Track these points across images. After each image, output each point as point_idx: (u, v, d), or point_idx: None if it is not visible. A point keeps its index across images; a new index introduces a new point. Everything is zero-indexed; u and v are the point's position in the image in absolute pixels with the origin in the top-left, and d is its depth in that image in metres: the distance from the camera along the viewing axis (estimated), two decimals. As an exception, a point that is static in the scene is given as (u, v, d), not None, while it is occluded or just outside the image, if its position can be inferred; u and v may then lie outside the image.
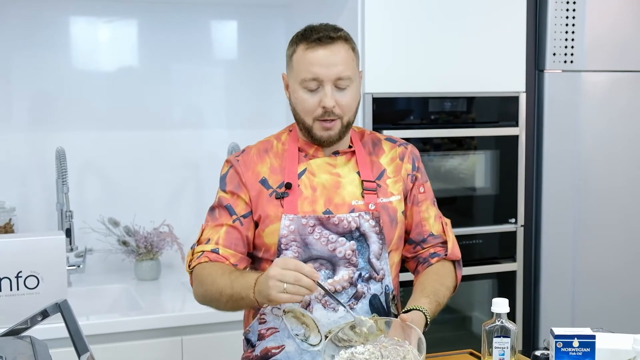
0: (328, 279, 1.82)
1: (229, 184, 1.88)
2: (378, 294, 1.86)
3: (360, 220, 1.84)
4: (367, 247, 1.85)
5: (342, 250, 1.83)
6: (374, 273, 1.86)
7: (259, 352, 1.87)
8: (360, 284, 1.84)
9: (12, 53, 2.88)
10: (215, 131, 3.13)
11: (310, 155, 1.89)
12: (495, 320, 1.58)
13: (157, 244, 2.90)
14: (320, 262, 1.82)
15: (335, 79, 1.78)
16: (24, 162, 2.91)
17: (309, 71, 1.78)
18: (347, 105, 1.82)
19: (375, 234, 1.85)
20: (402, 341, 1.67)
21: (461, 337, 2.92)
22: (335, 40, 1.79)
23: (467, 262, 2.85)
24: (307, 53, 1.79)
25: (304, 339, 1.83)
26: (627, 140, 3.06)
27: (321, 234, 1.82)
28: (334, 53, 1.78)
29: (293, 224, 1.81)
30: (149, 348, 2.44)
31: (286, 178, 1.85)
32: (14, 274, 2.27)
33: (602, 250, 3.05)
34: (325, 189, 1.85)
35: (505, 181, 2.92)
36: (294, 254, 1.81)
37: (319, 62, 1.78)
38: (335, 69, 1.78)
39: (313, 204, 1.84)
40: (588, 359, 1.46)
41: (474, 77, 2.80)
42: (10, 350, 1.35)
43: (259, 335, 1.88)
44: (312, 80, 1.78)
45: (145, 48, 3.04)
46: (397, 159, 1.95)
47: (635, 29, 3.01)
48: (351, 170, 1.89)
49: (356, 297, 1.83)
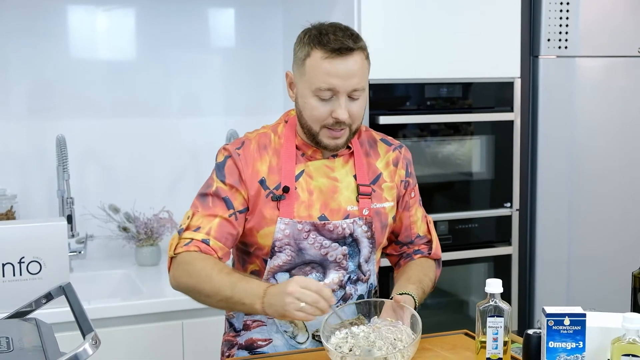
0: (319, 281, 1.82)
1: (228, 177, 1.83)
2: (364, 293, 1.89)
3: (354, 226, 1.84)
4: (358, 252, 1.87)
5: (334, 255, 1.84)
6: (362, 275, 1.88)
7: (244, 341, 1.89)
8: (349, 286, 1.86)
9: (11, 42, 2.89)
10: (214, 118, 3.15)
11: (308, 155, 1.86)
12: (489, 300, 1.60)
13: (157, 230, 2.93)
14: (312, 265, 1.83)
15: (351, 90, 1.75)
16: (25, 150, 2.93)
17: (326, 82, 1.73)
18: (358, 114, 1.79)
19: (367, 239, 1.87)
20: (395, 321, 1.71)
21: (458, 320, 2.95)
22: (354, 52, 1.74)
23: (463, 245, 2.90)
24: (324, 63, 1.73)
25: (292, 337, 1.86)
26: (621, 125, 3.08)
27: (315, 240, 1.82)
28: (352, 64, 1.73)
29: (288, 228, 1.80)
30: (149, 332, 2.47)
31: (283, 180, 1.82)
32: (17, 260, 2.30)
33: (596, 234, 3.09)
34: (322, 194, 1.84)
35: (500, 166, 2.95)
36: (287, 257, 1.81)
37: (337, 74, 1.72)
38: (353, 80, 1.74)
39: (309, 209, 1.82)
40: (579, 337, 1.50)
41: (469, 63, 2.82)
42: (16, 331, 1.37)
43: (244, 324, 1.89)
44: (327, 90, 1.74)
45: (143, 36, 3.06)
46: (391, 164, 1.94)
47: (630, 14, 3.03)
48: (348, 174, 1.88)
49: (344, 299, 1.85)
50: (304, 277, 1.68)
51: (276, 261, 1.82)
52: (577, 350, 1.50)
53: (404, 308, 1.71)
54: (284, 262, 1.82)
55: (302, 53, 1.77)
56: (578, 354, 1.50)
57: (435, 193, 2.89)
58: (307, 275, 1.83)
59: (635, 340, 1.44)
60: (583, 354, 1.50)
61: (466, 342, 1.84)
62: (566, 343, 1.50)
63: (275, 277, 1.84)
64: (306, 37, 1.78)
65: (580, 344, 1.50)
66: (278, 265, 1.83)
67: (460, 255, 2.89)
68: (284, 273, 1.83)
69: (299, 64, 1.79)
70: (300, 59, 1.78)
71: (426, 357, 1.72)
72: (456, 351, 1.77)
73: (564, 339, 1.50)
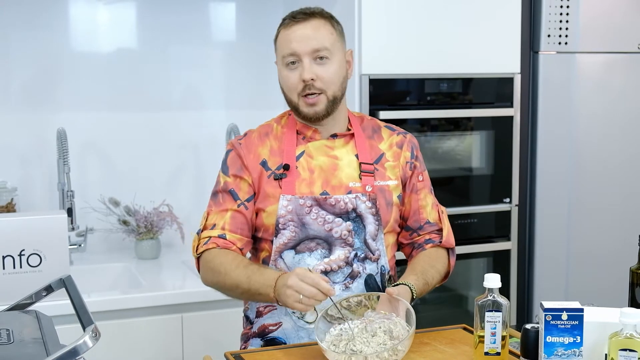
0: (324, 258, 1.85)
1: (231, 167, 1.90)
2: (374, 273, 1.90)
3: (357, 201, 1.86)
4: (363, 228, 1.88)
5: (339, 231, 1.86)
6: (370, 253, 1.89)
7: (257, 328, 1.91)
8: (356, 264, 1.87)
9: (12, 34, 2.89)
10: (214, 112, 3.16)
11: (308, 137, 1.92)
12: (488, 295, 1.61)
13: (157, 223, 2.94)
14: (317, 241, 1.85)
15: (312, 51, 1.83)
16: (25, 142, 2.94)
17: (287, 47, 1.84)
18: (329, 78, 1.85)
19: (372, 215, 1.88)
20: (389, 314, 1.71)
21: (457, 315, 2.96)
22: (310, 17, 1.85)
23: (463, 241, 2.91)
24: (284, 31, 1.86)
25: (301, 317, 1.87)
26: (621, 121, 3.09)
27: (318, 214, 1.85)
28: (309, 28, 1.84)
29: (291, 204, 1.84)
30: (149, 325, 2.48)
31: (284, 160, 1.88)
32: (17, 252, 2.30)
33: (595, 229, 3.09)
34: (323, 171, 1.88)
35: (500, 161, 2.95)
36: (291, 234, 1.84)
37: (295, 38, 1.83)
38: (311, 42, 1.82)
39: (310, 186, 1.86)
40: (576, 331, 1.50)
41: (469, 59, 2.83)
42: (16, 323, 1.38)
43: (257, 312, 1.92)
44: (290, 55, 1.84)
45: (144, 29, 3.06)
46: (395, 146, 1.96)
47: (630, 10, 3.03)
48: (349, 153, 1.91)
49: (352, 276, 1.86)
50: (305, 269, 1.69)
51: (281, 239, 1.85)
52: (574, 345, 1.51)
53: (399, 300, 1.71)
54: (288, 239, 1.85)
55: (275, 36, 1.91)
56: (575, 349, 1.51)
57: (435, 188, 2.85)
58: (312, 252, 1.85)
59: (633, 335, 1.44)
60: (580, 348, 1.51)
61: (464, 336, 1.85)
62: (564, 338, 1.51)
63: (282, 256, 1.86)
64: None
65: (577, 339, 1.50)
66: (283, 243, 1.85)
67: (459, 250, 2.85)
68: (290, 250, 1.86)
69: (275, 47, 1.92)
70: (274, 42, 1.92)
71: (424, 352, 1.73)
72: (454, 345, 1.78)
73: (561, 334, 1.50)
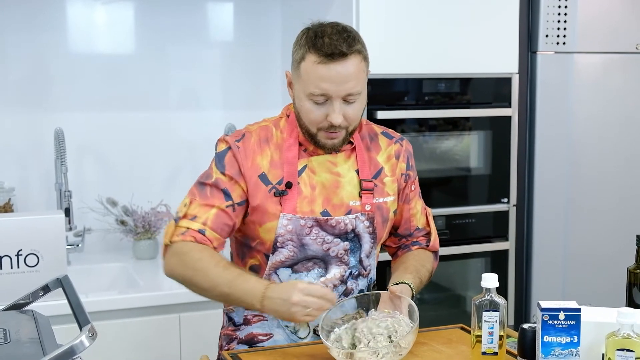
0: (321, 277, 1.84)
1: (228, 168, 1.82)
2: (365, 289, 1.90)
3: (357, 221, 1.85)
4: (360, 247, 1.87)
5: (335, 250, 1.84)
6: (363, 270, 1.89)
7: (244, 336, 1.89)
8: (350, 282, 1.87)
9: (10, 35, 2.89)
10: (212, 112, 3.15)
11: (310, 151, 1.86)
12: (485, 294, 1.61)
13: (155, 223, 2.93)
14: (314, 261, 1.84)
15: (345, 95, 1.73)
16: (23, 142, 2.93)
17: (318, 87, 1.72)
18: (354, 116, 1.78)
19: (369, 234, 1.87)
20: (392, 312, 1.71)
21: (455, 315, 2.96)
22: (348, 57, 1.71)
23: (460, 241, 2.91)
24: (317, 67, 1.71)
25: (294, 332, 1.86)
26: (618, 121, 3.09)
27: (318, 235, 1.82)
28: (345, 69, 1.71)
29: (291, 224, 1.80)
30: (146, 325, 2.48)
31: (286, 176, 1.81)
32: (14, 252, 2.30)
33: (593, 229, 3.09)
34: (325, 189, 1.84)
35: (498, 161, 2.95)
36: (290, 253, 1.81)
37: (329, 79, 1.70)
38: (346, 85, 1.71)
39: (311, 204, 1.82)
40: (573, 331, 1.50)
41: (467, 59, 2.83)
42: (13, 323, 1.38)
43: (244, 319, 1.89)
44: (321, 95, 1.73)
45: (142, 30, 3.06)
46: (393, 157, 1.94)
47: (628, 10, 3.03)
48: (350, 169, 1.87)
49: (345, 294, 1.86)
50: (305, 283, 1.68)
51: (278, 257, 1.82)
52: (571, 344, 1.51)
53: (401, 298, 1.72)
54: (286, 257, 1.82)
55: (298, 55, 1.76)
56: (573, 349, 1.51)
57: (433, 188, 2.89)
58: (309, 271, 1.83)
59: (630, 335, 1.44)
60: (577, 348, 1.51)
61: (462, 336, 1.85)
62: (561, 337, 1.51)
63: (277, 273, 1.84)
64: (303, 38, 1.77)
65: (574, 339, 1.50)
66: (280, 261, 1.82)
67: (457, 250, 2.90)
68: (286, 269, 1.83)
69: (295, 66, 1.78)
70: (297, 61, 1.77)
71: (422, 351, 1.73)
72: (452, 345, 1.78)
73: (558, 334, 1.50)
